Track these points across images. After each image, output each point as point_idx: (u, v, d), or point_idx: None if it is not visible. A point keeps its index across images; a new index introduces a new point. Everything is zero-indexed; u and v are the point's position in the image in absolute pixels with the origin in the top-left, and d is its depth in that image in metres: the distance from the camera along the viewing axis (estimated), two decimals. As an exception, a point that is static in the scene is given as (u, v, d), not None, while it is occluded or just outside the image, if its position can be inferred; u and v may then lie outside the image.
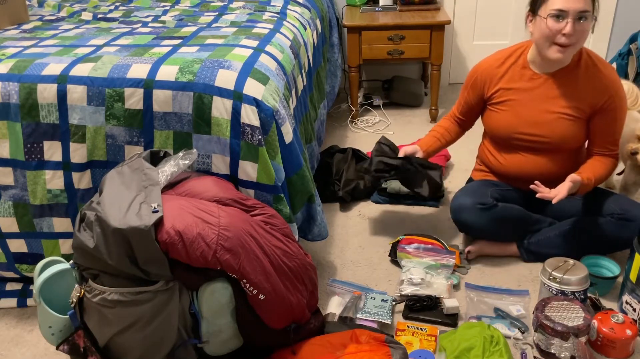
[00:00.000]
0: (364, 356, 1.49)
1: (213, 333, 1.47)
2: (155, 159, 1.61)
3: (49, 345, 1.72)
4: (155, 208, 1.36)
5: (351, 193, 2.45)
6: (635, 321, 1.68)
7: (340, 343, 1.56)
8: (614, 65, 2.92)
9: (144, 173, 1.49)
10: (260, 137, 1.62)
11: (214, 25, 2.25)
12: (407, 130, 3.20)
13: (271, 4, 2.67)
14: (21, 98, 1.67)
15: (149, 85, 1.65)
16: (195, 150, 1.63)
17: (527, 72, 1.96)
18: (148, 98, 1.65)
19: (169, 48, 1.85)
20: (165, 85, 1.65)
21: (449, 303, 1.78)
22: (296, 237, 1.70)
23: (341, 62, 3.37)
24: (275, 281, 1.46)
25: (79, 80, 1.67)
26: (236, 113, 1.62)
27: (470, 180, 2.27)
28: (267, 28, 2.17)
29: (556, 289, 1.72)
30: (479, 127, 2.17)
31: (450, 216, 2.06)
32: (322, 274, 2.01)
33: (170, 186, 1.56)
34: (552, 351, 1.58)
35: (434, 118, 3.29)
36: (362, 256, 2.12)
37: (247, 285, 1.41)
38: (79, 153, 1.70)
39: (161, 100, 1.65)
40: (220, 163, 1.69)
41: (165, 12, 2.56)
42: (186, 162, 1.56)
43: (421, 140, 2.20)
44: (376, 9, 3.38)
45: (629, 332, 1.58)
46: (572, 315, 1.60)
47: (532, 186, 1.84)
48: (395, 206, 2.45)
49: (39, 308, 1.46)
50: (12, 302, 1.88)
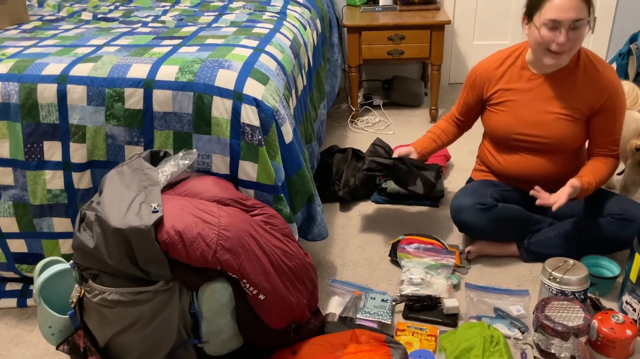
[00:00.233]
0: (364, 356, 1.48)
1: (213, 333, 1.47)
2: (155, 159, 1.61)
3: (49, 345, 1.72)
4: (155, 208, 1.36)
5: (351, 193, 2.45)
6: (635, 321, 1.68)
7: (340, 343, 1.56)
8: (614, 65, 2.92)
9: (144, 173, 1.49)
10: (260, 137, 1.62)
11: (214, 25, 2.25)
12: (407, 130, 3.20)
13: (271, 4, 2.67)
14: (21, 98, 1.67)
15: (149, 85, 1.65)
16: (195, 150, 1.63)
17: (526, 72, 1.96)
18: (148, 98, 1.65)
19: (169, 48, 1.85)
20: (165, 85, 1.65)
21: (449, 303, 1.78)
22: (296, 237, 1.70)
23: (341, 62, 3.37)
24: (275, 281, 1.46)
25: (79, 80, 1.67)
26: (236, 113, 1.62)
27: (470, 180, 2.27)
28: (267, 28, 2.17)
29: (556, 289, 1.72)
30: (479, 127, 2.17)
31: (450, 217, 2.07)
32: (322, 274, 2.01)
33: (170, 186, 1.56)
34: (552, 351, 1.58)
35: (434, 118, 3.29)
36: (362, 256, 2.12)
37: (247, 285, 1.41)
38: (79, 153, 1.70)
39: (161, 100, 1.65)
40: (220, 163, 1.69)
41: (165, 12, 2.56)
42: (186, 162, 1.56)
43: (416, 142, 2.21)
44: (376, 9, 3.38)
45: (629, 332, 1.58)
46: (572, 315, 1.59)
47: (531, 192, 1.85)
48: (395, 206, 2.45)
49: (39, 308, 1.46)
50: (12, 302, 1.88)
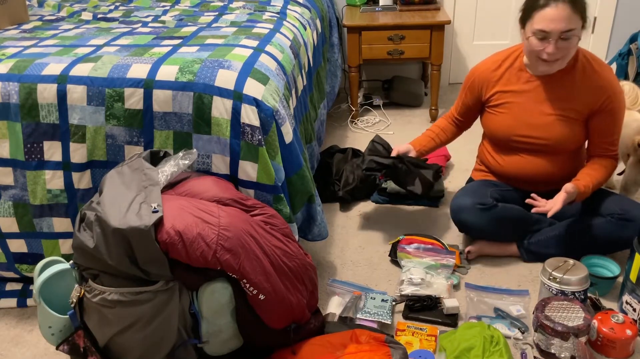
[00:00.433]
0: (364, 356, 1.48)
1: (213, 333, 1.47)
2: (155, 159, 1.61)
3: (49, 345, 1.72)
4: (155, 208, 1.36)
5: (351, 193, 2.45)
6: (635, 321, 1.68)
7: (340, 343, 1.56)
8: (614, 65, 2.92)
9: (144, 173, 1.49)
10: (260, 137, 1.62)
11: (214, 25, 2.25)
12: (407, 130, 3.20)
13: (271, 4, 2.67)
14: (21, 98, 1.67)
15: (149, 85, 1.65)
16: (195, 150, 1.63)
17: (524, 74, 1.96)
18: (148, 98, 1.65)
19: (169, 48, 1.85)
20: (165, 85, 1.65)
21: (449, 303, 1.78)
22: (296, 237, 1.70)
23: (341, 62, 3.37)
24: (275, 281, 1.46)
25: (79, 80, 1.67)
26: (236, 113, 1.62)
27: (470, 180, 2.27)
28: (267, 28, 2.16)
29: (556, 289, 1.72)
30: (479, 127, 2.17)
31: (450, 217, 2.07)
32: (322, 274, 2.01)
33: (170, 186, 1.56)
34: (552, 351, 1.58)
35: (434, 118, 3.29)
36: (362, 256, 2.12)
37: (247, 285, 1.41)
38: (79, 153, 1.70)
39: (161, 100, 1.65)
40: (220, 163, 1.69)
41: (165, 12, 2.56)
42: (186, 162, 1.56)
43: (415, 140, 2.21)
44: (376, 8, 3.38)
45: (629, 332, 1.57)
46: (572, 315, 1.59)
47: (528, 200, 1.86)
48: (395, 206, 2.45)
49: (39, 308, 1.46)
50: (12, 302, 1.88)
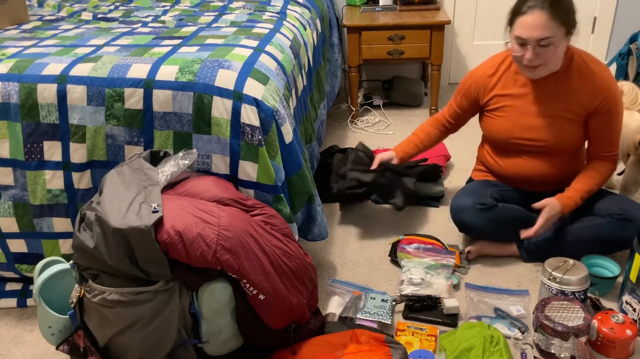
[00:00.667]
0: (364, 356, 1.48)
1: (213, 333, 1.47)
2: (155, 159, 1.61)
3: (49, 345, 1.72)
4: (155, 208, 1.36)
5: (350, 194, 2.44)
6: (635, 321, 1.68)
7: (340, 343, 1.56)
8: (614, 65, 2.92)
9: (144, 173, 1.49)
10: (260, 137, 1.62)
11: (214, 25, 2.25)
12: (407, 130, 3.19)
13: (271, 4, 2.67)
14: (21, 98, 1.67)
15: (148, 85, 1.65)
16: (195, 150, 1.63)
17: (520, 77, 1.96)
18: (148, 98, 1.65)
19: (169, 48, 1.85)
20: (165, 85, 1.65)
21: (449, 303, 1.78)
22: (296, 237, 1.70)
23: (341, 62, 3.36)
24: (275, 281, 1.46)
25: (78, 80, 1.67)
26: (236, 113, 1.62)
27: (470, 180, 2.27)
28: (267, 28, 2.16)
29: (556, 289, 1.72)
30: (478, 128, 2.16)
31: (450, 217, 2.07)
32: (322, 274, 2.01)
33: (170, 186, 1.56)
34: (552, 351, 1.58)
35: (434, 118, 3.29)
36: (362, 256, 2.12)
37: (247, 285, 1.41)
38: (79, 153, 1.70)
39: (161, 100, 1.65)
40: (220, 163, 1.69)
41: (165, 12, 2.56)
42: (186, 162, 1.56)
43: (399, 146, 2.23)
44: (376, 8, 3.38)
45: (629, 332, 1.57)
46: (572, 315, 1.59)
47: (521, 231, 1.93)
48: (395, 206, 2.45)
49: (39, 308, 1.46)
50: (12, 302, 1.88)
